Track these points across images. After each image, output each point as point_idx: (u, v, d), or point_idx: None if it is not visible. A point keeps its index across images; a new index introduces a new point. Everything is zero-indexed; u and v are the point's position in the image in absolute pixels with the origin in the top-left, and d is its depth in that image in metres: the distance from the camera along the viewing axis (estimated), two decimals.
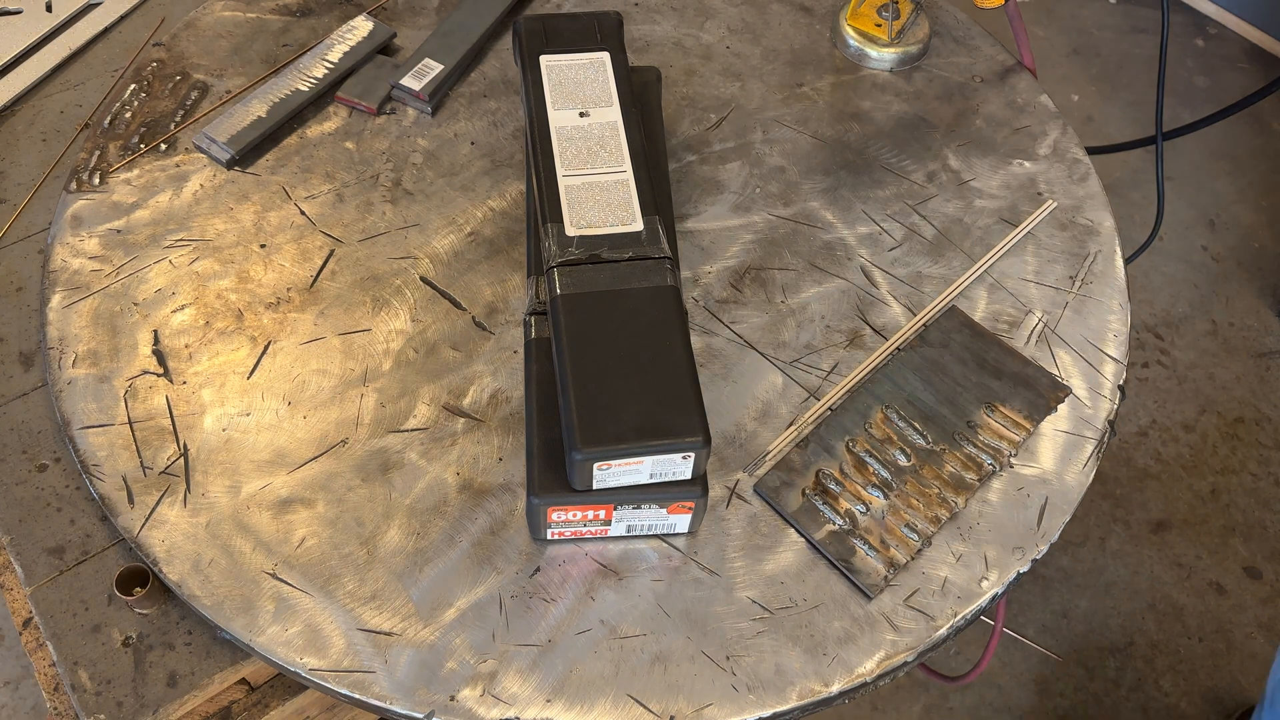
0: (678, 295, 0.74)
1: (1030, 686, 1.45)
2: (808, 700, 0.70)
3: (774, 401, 0.83)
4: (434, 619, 0.72)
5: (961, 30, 1.10)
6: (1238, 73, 2.20)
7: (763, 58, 1.06)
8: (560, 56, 0.86)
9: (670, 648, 0.72)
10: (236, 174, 0.93)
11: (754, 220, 0.94)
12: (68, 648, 0.74)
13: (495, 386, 0.82)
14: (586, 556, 0.75)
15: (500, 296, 0.87)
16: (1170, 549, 1.59)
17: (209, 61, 1.02)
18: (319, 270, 0.88)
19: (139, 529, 0.75)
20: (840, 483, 0.79)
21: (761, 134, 1.00)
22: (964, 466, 0.80)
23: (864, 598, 0.74)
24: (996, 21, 1.16)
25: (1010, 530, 0.78)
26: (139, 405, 0.80)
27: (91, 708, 0.72)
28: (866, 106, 1.03)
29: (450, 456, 0.79)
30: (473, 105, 1.00)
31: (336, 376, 0.82)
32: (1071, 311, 0.90)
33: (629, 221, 0.76)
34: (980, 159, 0.99)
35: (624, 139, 0.81)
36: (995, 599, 0.76)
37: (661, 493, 0.70)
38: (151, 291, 0.86)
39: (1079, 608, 1.52)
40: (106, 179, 0.92)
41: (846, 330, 0.87)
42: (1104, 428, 0.84)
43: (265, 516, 0.75)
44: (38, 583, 0.77)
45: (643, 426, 0.67)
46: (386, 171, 0.94)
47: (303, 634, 0.71)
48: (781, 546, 0.76)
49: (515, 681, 0.70)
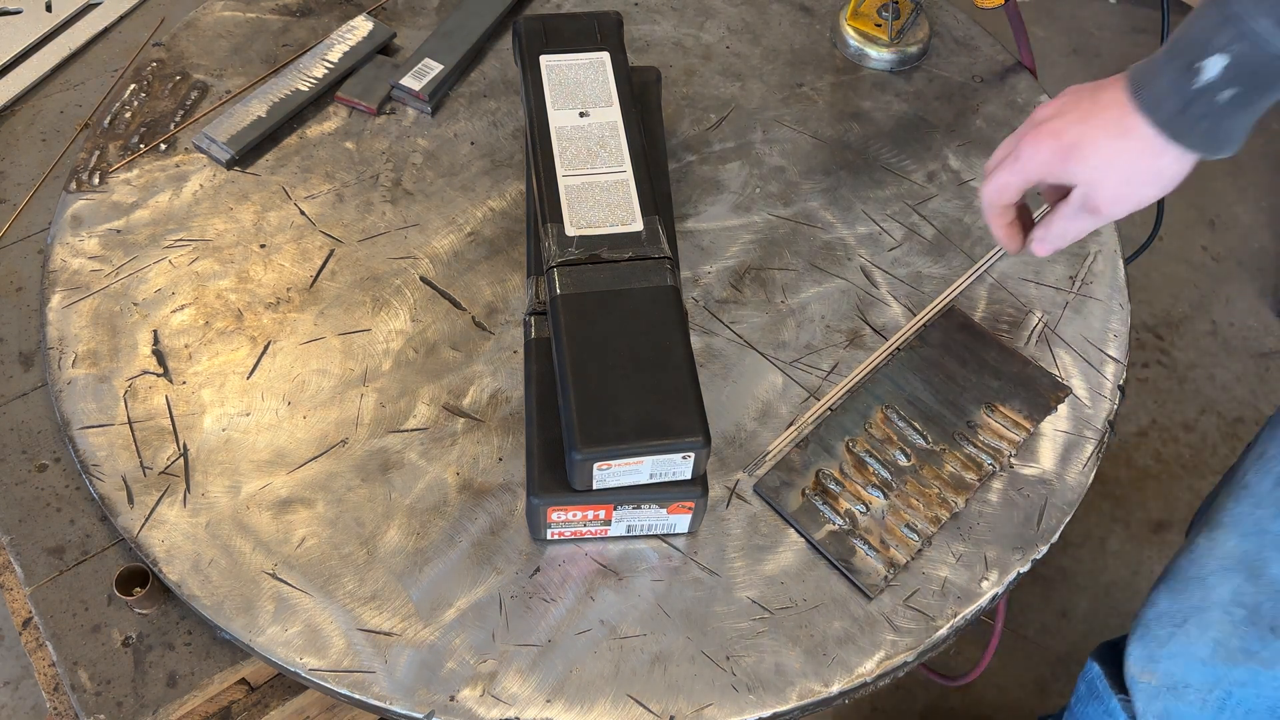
0: (678, 295, 0.74)
1: (1030, 686, 1.45)
2: (808, 700, 0.70)
3: (774, 401, 0.83)
4: (434, 619, 0.72)
5: (961, 30, 1.10)
6: None
7: (763, 58, 1.06)
8: (560, 56, 0.86)
9: (670, 648, 0.72)
10: (236, 174, 0.93)
11: (754, 220, 0.94)
12: (68, 648, 0.74)
13: (495, 386, 0.82)
14: (586, 556, 0.75)
15: (500, 296, 0.87)
16: (1170, 549, 1.59)
17: (209, 61, 1.02)
18: (319, 270, 0.88)
19: (139, 529, 0.75)
20: (840, 483, 0.79)
21: (761, 134, 1.00)
22: (964, 466, 0.80)
23: (864, 598, 0.74)
24: (996, 21, 1.15)
25: (1010, 530, 0.78)
26: (139, 405, 0.80)
27: (91, 708, 0.72)
28: (866, 106, 1.03)
29: (450, 456, 0.79)
30: (473, 105, 1.00)
31: (336, 376, 0.82)
32: (1071, 311, 0.90)
33: (629, 221, 0.76)
34: (980, 159, 0.99)
35: (624, 139, 0.81)
36: (995, 599, 0.76)
37: (661, 493, 0.70)
38: (151, 291, 0.86)
39: (1079, 608, 1.52)
40: (106, 179, 0.92)
41: (846, 330, 0.87)
42: (1104, 428, 0.84)
43: (265, 516, 0.75)
44: (38, 583, 0.77)
45: (643, 426, 0.67)
46: (386, 171, 0.94)
47: (303, 634, 0.71)
48: (781, 546, 0.76)
49: (515, 681, 0.70)
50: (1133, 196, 0.69)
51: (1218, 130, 0.65)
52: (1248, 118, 0.65)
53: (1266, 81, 0.62)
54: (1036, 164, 0.71)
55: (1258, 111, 0.65)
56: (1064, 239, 0.74)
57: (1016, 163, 0.72)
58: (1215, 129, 0.65)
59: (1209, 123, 0.65)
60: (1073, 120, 0.69)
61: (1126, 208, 0.70)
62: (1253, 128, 0.67)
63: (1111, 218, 0.71)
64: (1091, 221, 0.71)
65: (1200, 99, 0.64)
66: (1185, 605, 0.86)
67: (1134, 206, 0.70)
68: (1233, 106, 0.64)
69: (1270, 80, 0.62)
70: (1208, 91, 0.63)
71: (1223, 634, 0.83)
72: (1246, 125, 0.66)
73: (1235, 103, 0.63)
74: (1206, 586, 0.84)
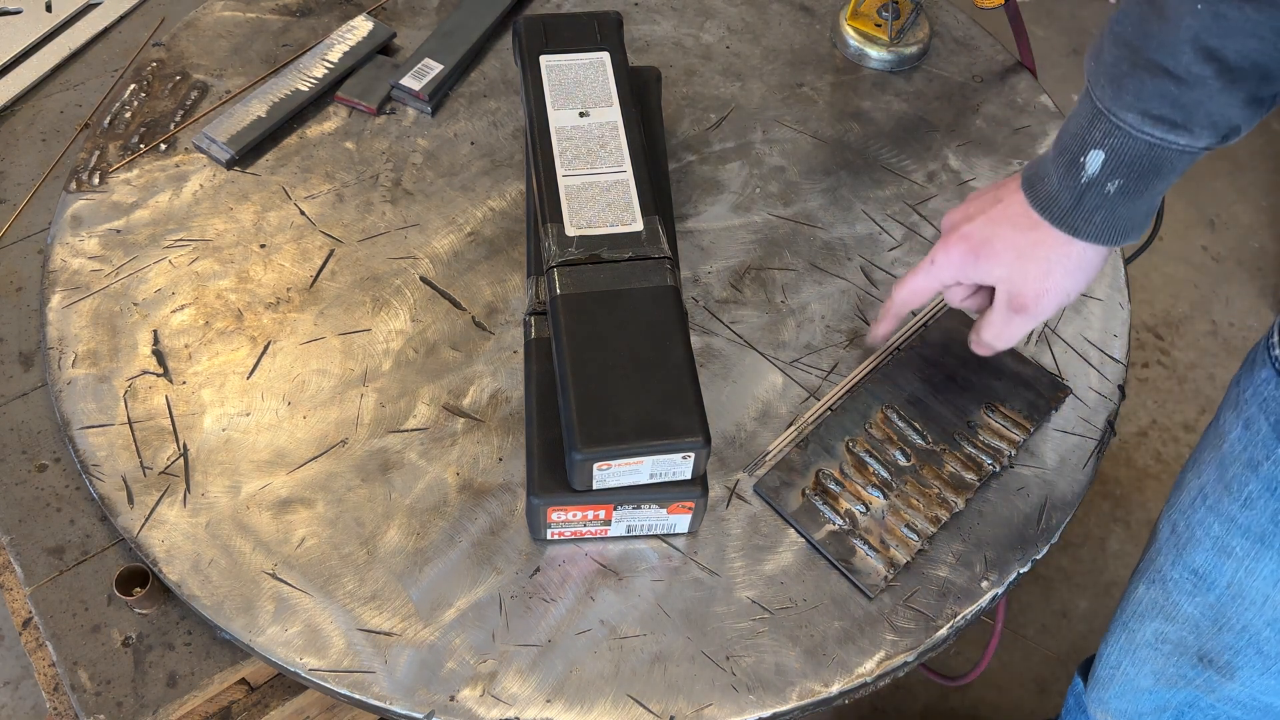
0: (678, 295, 0.74)
1: (1030, 686, 1.45)
2: (808, 700, 0.70)
3: (774, 401, 0.83)
4: (434, 619, 0.72)
5: (961, 30, 1.10)
6: None
7: (763, 58, 1.06)
8: (560, 56, 0.86)
9: (670, 648, 0.72)
10: (236, 174, 0.93)
11: (754, 220, 0.94)
12: (67, 648, 0.74)
13: (495, 386, 0.82)
14: (586, 556, 0.75)
15: (500, 296, 0.87)
16: None
17: (209, 61, 1.02)
18: (319, 270, 0.88)
19: (139, 529, 0.75)
20: (840, 483, 0.79)
21: (761, 134, 1.00)
22: (964, 466, 0.80)
23: (864, 598, 0.74)
24: (996, 21, 1.16)
25: (1010, 530, 0.78)
26: (139, 405, 0.80)
27: (91, 708, 0.72)
28: (866, 106, 1.03)
29: (450, 456, 0.79)
30: (473, 105, 1.00)
31: (336, 376, 0.82)
32: (1071, 311, 0.90)
33: (629, 221, 0.76)
34: (980, 159, 0.99)
35: (624, 139, 0.81)
36: (995, 599, 0.76)
37: (661, 493, 0.70)
38: (151, 291, 0.86)
39: (1079, 608, 1.52)
40: (106, 179, 0.92)
41: (846, 330, 0.87)
42: (1104, 428, 0.84)
43: (265, 516, 0.75)
44: (37, 583, 0.77)
45: (643, 427, 0.67)
46: (386, 171, 0.94)
47: (302, 634, 0.71)
48: (781, 546, 0.76)
49: (515, 681, 0.70)
50: (1056, 290, 0.69)
51: (1115, 220, 0.65)
52: (1144, 203, 0.65)
53: (1147, 169, 0.63)
54: (950, 268, 0.72)
55: (1155, 196, 0.65)
56: (999, 340, 0.74)
57: (931, 267, 0.73)
58: (1112, 219, 0.65)
59: (1103, 214, 0.65)
60: (980, 223, 0.70)
61: (1054, 301, 0.70)
62: (1155, 209, 0.66)
63: (1042, 315, 0.71)
64: (1022, 321, 0.72)
65: (1089, 193, 0.64)
66: (1118, 649, 0.89)
67: (1062, 299, 0.70)
68: (1123, 196, 0.64)
69: (1150, 168, 0.63)
70: (1094, 185, 0.64)
71: (1157, 666, 0.86)
72: (1147, 210, 0.66)
73: (1124, 192, 0.64)
74: (1130, 630, 0.87)
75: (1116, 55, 0.61)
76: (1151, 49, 0.59)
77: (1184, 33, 0.57)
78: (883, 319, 0.80)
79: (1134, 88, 0.60)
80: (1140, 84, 0.60)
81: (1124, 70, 0.60)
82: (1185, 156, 0.62)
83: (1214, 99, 0.59)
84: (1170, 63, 0.58)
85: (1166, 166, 0.63)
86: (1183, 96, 0.59)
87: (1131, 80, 0.60)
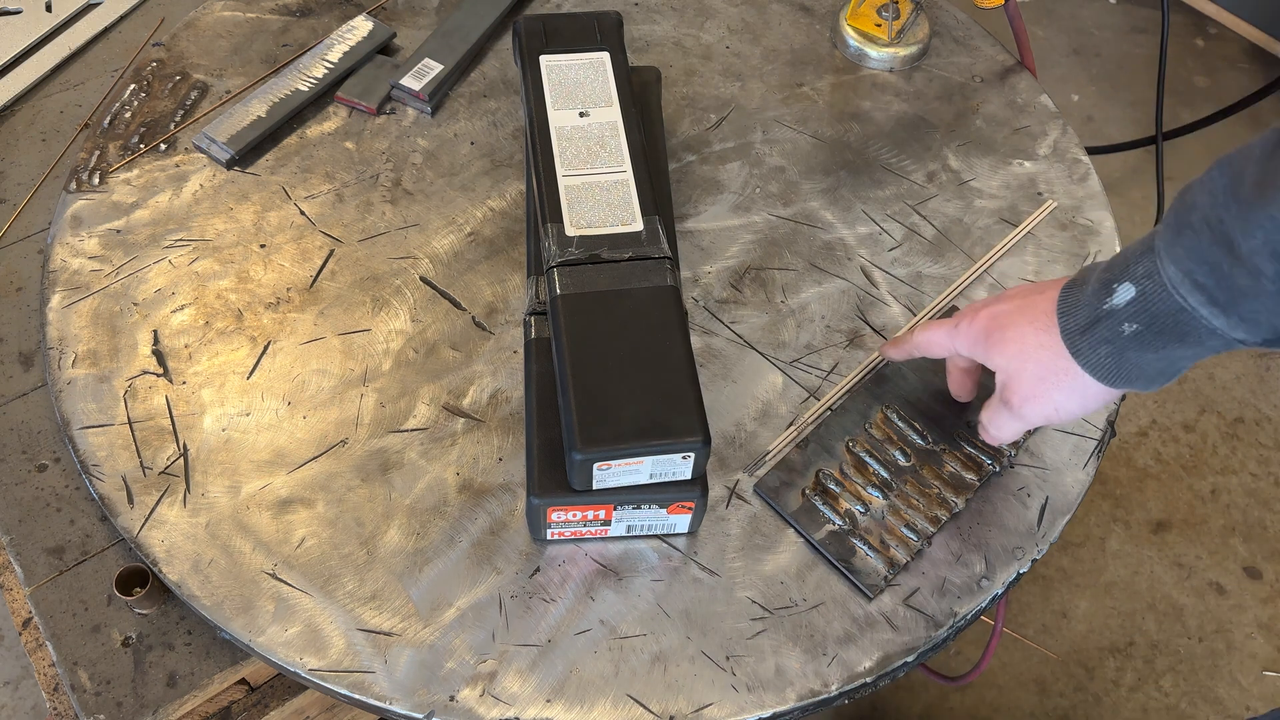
0: (678, 295, 0.74)
1: (1030, 686, 1.45)
2: (807, 700, 0.70)
3: (774, 401, 0.83)
4: (434, 619, 0.72)
5: (961, 30, 1.10)
6: (1238, 73, 2.20)
7: (763, 58, 1.06)
8: (560, 56, 0.86)
9: (670, 648, 0.72)
10: (236, 174, 0.93)
11: (754, 220, 0.94)
12: (67, 648, 0.74)
13: (495, 386, 0.82)
14: (586, 556, 0.75)
15: (500, 296, 0.87)
16: (1170, 549, 1.59)
17: (209, 61, 1.02)
18: (319, 270, 0.88)
19: (139, 529, 0.75)
20: (840, 483, 0.79)
21: (761, 134, 1.00)
22: (964, 466, 0.80)
23: (864, 598, 0.74)
24: (996, 21, 1.16)
25: (1010, 530, 0.78)
26: (139, 405, 0.80)
27: (91, 708, 0.72)
28: (866, 106, 1.03)
29: (450, 456, 0.79)
30: (473, 105, 1.00)
31: (336, 376, 0.82)
32: None
33: (629, 221, 0.76)
34: (980, 159, 0.99)
35: (624, 139, 0.81)
36: (995, 599, 0.76)
37: (661, 493, 0.70)
38: (151, 291, 0.86)
39: (1079, 608, 1.52)
40: (106, 179, 0.92)
41: (846, 330, 0.87)
42: (1104, 428, 0.84)
43: (265, 516, 0.75)
44: (37, 583, 0.77)
45: (643, 427, 0.67)
46: (386, 171, 0.94)
47: (302, 634, 0.71)
48: (781, 546, 0.76)
49: (515, 681, 0.70)
50: (1046, 400, 0.67)
51: (1121, 362, 0.62)
52: (1158, 360, 0.61)
53: (1169, 329, 0.59)
54: (967, 338, 0.71)
55: (1173, 359, 0.60)
56: (991, 425, 0.73)
57: (955, 329, 0.72)
58: (1119, 360, 0.62)
59: (1110, 350, 0.62)
60: (1010, 307, 0.68)
61: (1041, 411, 0.67)
62: (1172, 373, 0.62)
63: (1027, 418, 0.69)
64: (1010, 420, 0.70)
65: (1105, 321, 0.61)
66: None
67: (1050, 413, 0.67)
68: (1136, 342, 0.60)
69: (1173, 330, 0.59)
70: (1112, 317, 0.61)
71: None
72: (1160, 369, 0.62)
73: (1138, 340, 0.60)
74: None
75: (1195, 202, 0.56)
76: (1230, 217, 0.54)
77: (1268, 222, 0.52)
78: (897, 346, 0.79)
79: (1190, 244, 0.56)
80: (1198, 246, 0.56)
81: (1191, 221, 0.56)
82: (1215, 338, 0.58)
83: (1264, 299, 0.54)
84: (1240, 241, 0.53)
85: (1192, 338, 0.58)
86: (1236, 280, 0.54)
87: (1191, 237, 0.56)
